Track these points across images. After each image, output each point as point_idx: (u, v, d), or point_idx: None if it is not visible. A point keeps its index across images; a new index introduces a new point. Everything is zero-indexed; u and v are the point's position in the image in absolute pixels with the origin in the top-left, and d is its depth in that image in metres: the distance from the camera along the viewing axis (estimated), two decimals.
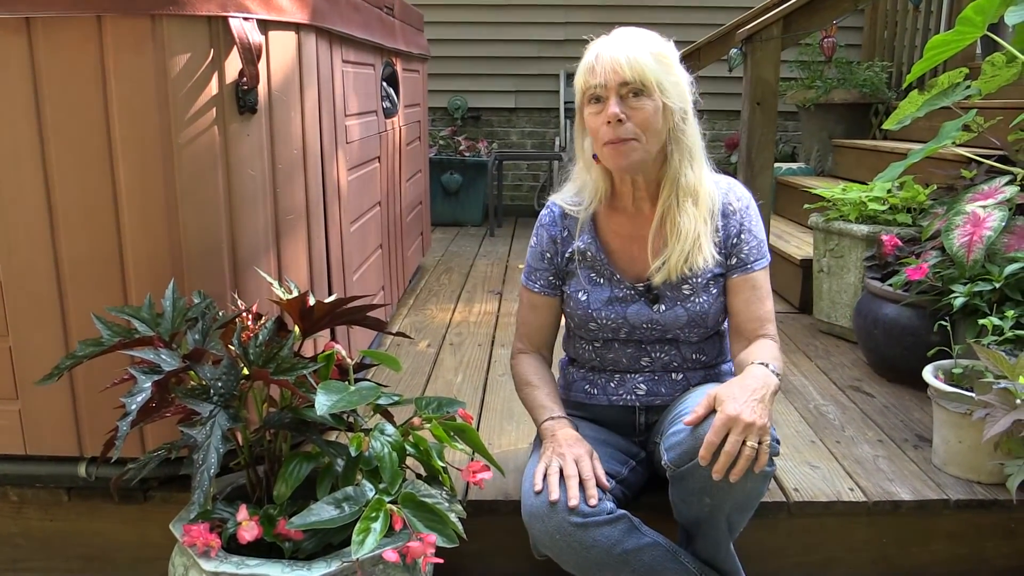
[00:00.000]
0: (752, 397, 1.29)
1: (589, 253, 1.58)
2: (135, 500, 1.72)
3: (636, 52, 1.42)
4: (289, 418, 1.36)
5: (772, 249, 3.27)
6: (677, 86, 1.46)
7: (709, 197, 1.53)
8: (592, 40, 1.50)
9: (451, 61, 5.37)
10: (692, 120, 1.51)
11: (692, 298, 1.54)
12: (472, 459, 1.47)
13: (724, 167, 5.37)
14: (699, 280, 1.53)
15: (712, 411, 1.31)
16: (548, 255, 1.63)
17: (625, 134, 1.43)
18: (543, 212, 1.66)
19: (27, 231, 1.52)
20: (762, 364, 1.39)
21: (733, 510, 1.39)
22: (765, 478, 1.36)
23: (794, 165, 4.53)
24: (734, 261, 1.54)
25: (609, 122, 1.43)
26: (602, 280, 1.58)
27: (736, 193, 1.58)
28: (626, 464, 1.57)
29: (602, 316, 1.57)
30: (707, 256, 1.51)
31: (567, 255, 1.61)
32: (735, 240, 1.54)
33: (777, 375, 1.39)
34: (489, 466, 1.45)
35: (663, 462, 1.39)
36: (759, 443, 1.26)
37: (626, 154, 1.45)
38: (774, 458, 1.37)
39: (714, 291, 1.55)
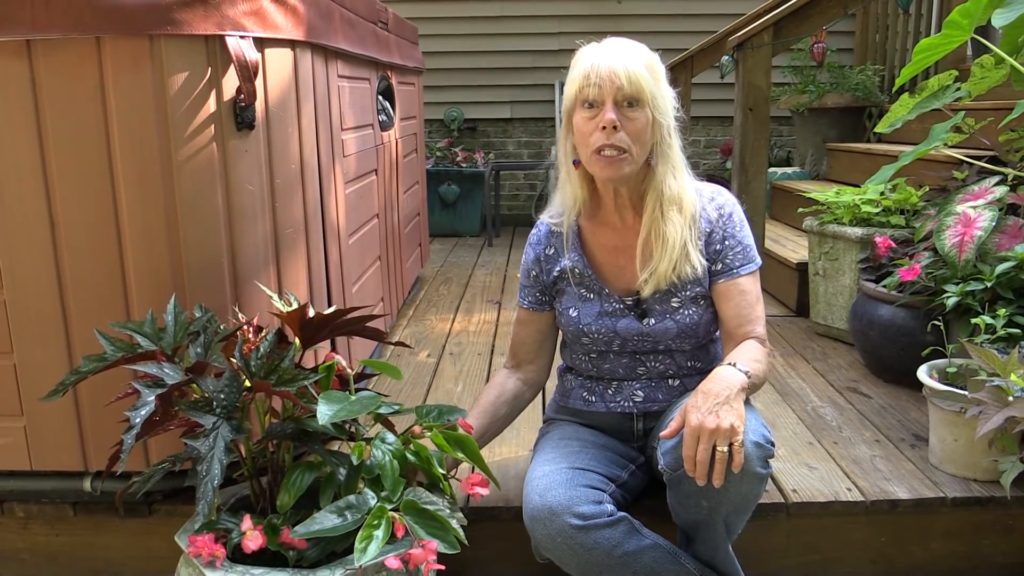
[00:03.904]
0: (714, 402, 1.31)
1: (577, 270, 1.60)
2: (140, 513, 1.73)
3: (633, 64, 1.44)
4: (291, 428, 1.38)
5: (768, 253, 3.29)
6: (666, 100, 1.49)
7: (691, 203, 1.55)
8: (581, 47, 1.50)
9: (447, 73, 5.41)
10: (676, 133, 1.53)
11: (681, 310, 1.55)
12: (473, 471, 1.48)
13: (719, 173, 5.40)
14: (687, 293, 1.55)
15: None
16: (533, 273, 1.66)
17: (619, 142, 1.44)
18: (532, 231, 1.69)
19: (30, 249, 1.54)
20: (729, 364, 1.40)
21: (730, 512, 1.40)
22: (761, 480, 1.37)
23: (789, 169, 4.56)
24: (719, 267, 1.55)
25: (604, 128, 1.43)
26: (592, 295, 1.60)
27: (718, 201, 1.58)
28: (626, 468, 1.59)
29: (593, 330, 1.58)
30: (695, 263, 1.52)
31: (555, 274, 1.63)
32: (719, 247, 1.55)
33: (746, 372, 1.38)
34: (487, 481, 1.46)
35: (659, 467, 1.41)
36: (731, 444, 1.28)
37: (618, 167, 1.46)
38: (769, 460, 1.38)
39: (703, 303, 1.56)
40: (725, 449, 1.28)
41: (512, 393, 1.69)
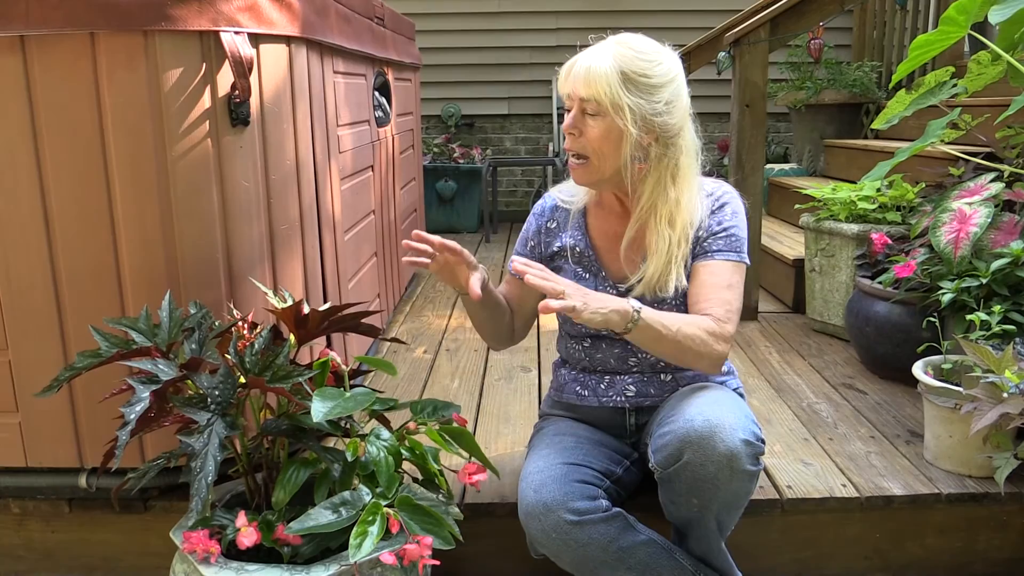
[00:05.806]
0: (584, 294, 1.33)
1: (578, 249, 1.60)
2: (136, 510, 1.73)
3: (601, 68, 1.39)
4: (286, 425, 1.38)
5: (764, 249, 3.30)
6: (643, 110, 1.41)
7: (688, 217, 1.51)
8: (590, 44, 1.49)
9: (444, 69, 5.40)
10: (682, 137, 1.47)
11: (671, 301, 1.55)
12: (469, 461, 1.49)
13: (717, 169, 5.40)
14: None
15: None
16: (532, 244, 1.67)
17: (577, 148, 1.46)
18: (538, 202, 1.70)
19: (25, 246, 1.54)
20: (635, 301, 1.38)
21: (721, 510, 1.40)
22: (751, 477, 1.37)
23: (786, 166, 4.56)
24: (698, 250, 1.53)
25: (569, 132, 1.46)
26: (588, 275, 1.60)
27: (716, 194, 1.57)
28: (620, 464, 1.59)
29: None
30: (677, 283, 1.49)
31: (554, 249, 1.63)
32: (703, 233, 1.53)
33: (638, 309, 1.35)
34: (484, 468, 1.47)
35: (650, 464, 1.41)
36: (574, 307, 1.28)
37: (578, 172, 1.49)
38: (759, 457, 1.38)
39: None
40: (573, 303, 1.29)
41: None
